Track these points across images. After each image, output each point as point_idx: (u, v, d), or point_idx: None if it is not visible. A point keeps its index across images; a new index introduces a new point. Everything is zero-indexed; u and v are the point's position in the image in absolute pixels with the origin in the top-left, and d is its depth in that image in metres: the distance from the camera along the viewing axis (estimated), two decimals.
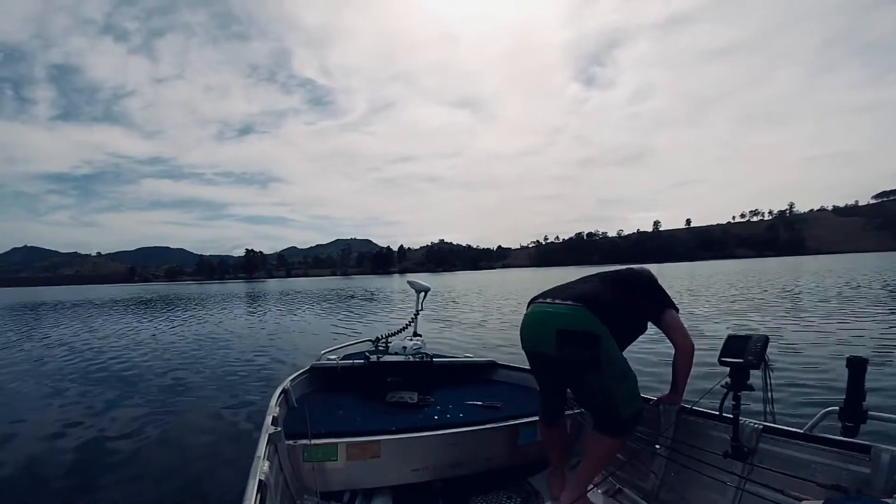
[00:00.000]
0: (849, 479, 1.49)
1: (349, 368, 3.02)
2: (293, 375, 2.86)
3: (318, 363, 3.08)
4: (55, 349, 9.11)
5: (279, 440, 1.92)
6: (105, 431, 4.02)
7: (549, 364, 1.99)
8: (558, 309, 1.93)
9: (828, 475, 1.53)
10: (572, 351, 1.85)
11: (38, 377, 6.47)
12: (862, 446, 1.50)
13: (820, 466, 1.58)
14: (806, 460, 1.62)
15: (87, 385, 5.89)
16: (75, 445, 3.71)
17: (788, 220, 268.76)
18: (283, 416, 2.32)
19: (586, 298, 1.92)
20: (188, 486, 2.96)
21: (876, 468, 1.44)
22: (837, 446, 1.56)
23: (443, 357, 3.29)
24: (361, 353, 3.19)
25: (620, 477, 2.21)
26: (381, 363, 2.97)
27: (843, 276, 23.15)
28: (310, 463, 2.01)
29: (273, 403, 2.24)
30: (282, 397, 2.45)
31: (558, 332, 1.87)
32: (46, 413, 4.67)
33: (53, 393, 5.50)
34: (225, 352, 8.23)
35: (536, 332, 1.96)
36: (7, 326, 15.10)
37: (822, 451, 1.59)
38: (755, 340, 1.76)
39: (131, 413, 4.56)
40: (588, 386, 1.89)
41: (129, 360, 7.73)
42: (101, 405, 4.90)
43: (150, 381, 6.00)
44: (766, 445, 1.75)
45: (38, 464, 3.37)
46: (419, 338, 3.34)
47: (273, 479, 1.65)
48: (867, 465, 1.47)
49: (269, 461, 1.67)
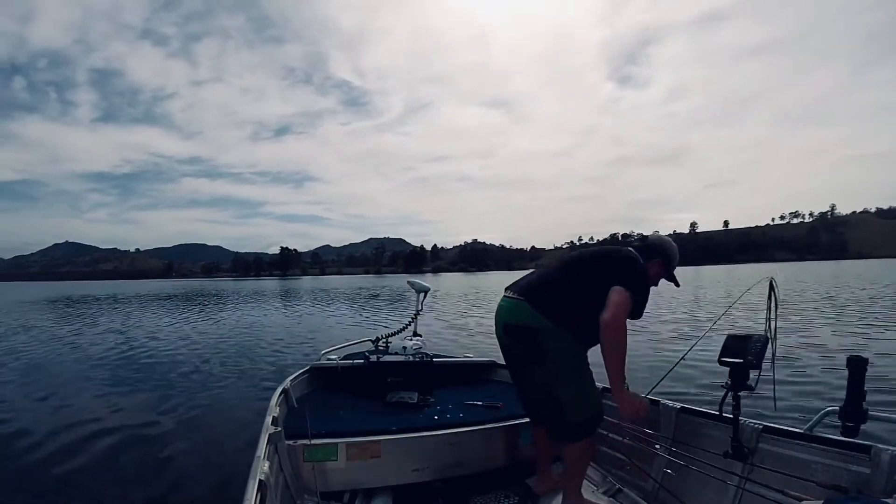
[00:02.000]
0: (849, 479, 1.49)
1: (349, 368, 3.02)
2: (293, 375, 2.87)
3: (318, 363, 3.08)
4: (56, 343, 9.12)
5: (279, 440, 1.93)
6: (105, 431, 4.01)
7: (505, 358, 2.02)
8: (507, 302, 1.90)
9: (828, 475, 1.53)
10: (514, 345, 1.86)
11: (28, 371, 6.48)
12: (862, 446, 1.49)
13: (820, 466, 1.58)
14: (806, 460, 1.62)
15: (92, 381, 5.89)
16: (76, 445, 3.70)
17: (830, 222, 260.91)
18: (283, 416, 2.32)
19: (529, 290, 1.84)
20: (188, 486, 2.95)
21: (876, 468, 1.44)
22: (837, 446, 1.56)
23: (443, 357, 3.29)
24: (361, 353, 3.19)
25: (620, 477, 2.21)
26: (381, 363, 2.97)
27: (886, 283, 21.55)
28: (310, 463, 2.01)
29: (273, 403, 2.24)
30: (282, 397, 2.45)
31: (504, 325, 1.88)
32: (40, 407, 4.68)
33: (51, 387, 5.52)
34: (238, 348, 8.28)
35: (495, 325, 1.96)
36: (35, 317, 15.99)
37: (822, 451, 1.59)
38: (755, 340, 1.76)
39: (131, 412, 4.55)
40: (532, 383, 1.88)
41: (137, 356, 7.77)
42: (104, 402, 4.89)
43: (153, 379, 6.00)
44: (766, 445, 1.75)
45: (29, 462, 3.37)
46: (419, 338, 3.34)
47: (273, 479, 1.65)
48: (867, 465, 1.47)
49: (269, 461, 1.67)
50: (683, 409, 2.06)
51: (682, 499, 1.81)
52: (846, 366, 1.58)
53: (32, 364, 7.35)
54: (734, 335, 1.85)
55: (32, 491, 2.99)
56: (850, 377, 1.56)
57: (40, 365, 7.29)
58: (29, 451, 3.61)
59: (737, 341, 1.81)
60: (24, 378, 6.31)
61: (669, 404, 2.11)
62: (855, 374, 1.55)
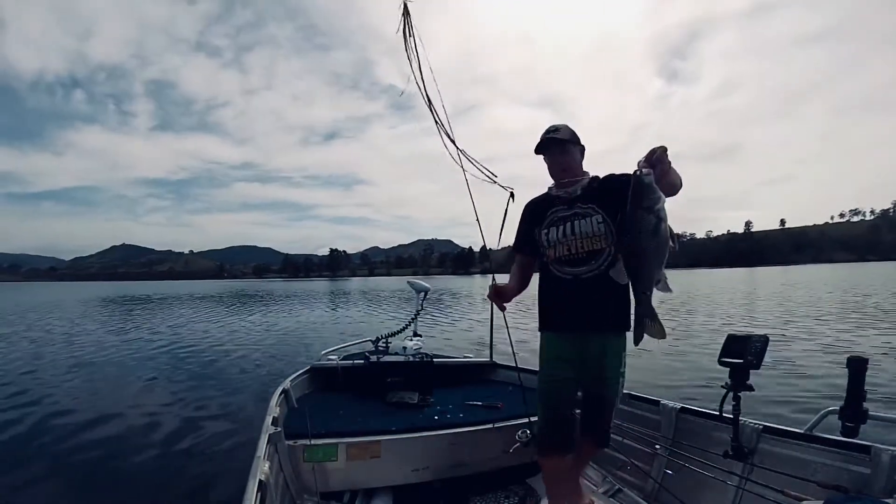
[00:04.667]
0: (849, 479, 1.49)
1: (349, 369, 3.02)
2: (293, 375, 2.87)
3: (318, 363, 3.08)
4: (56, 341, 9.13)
5: (279, 440, 1.93)
6: (104, 430, 4.01)
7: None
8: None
9: (828, 475, 1.53)
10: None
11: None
12: (862, 446, 1.50)
13: (820, 466, 1.58)
14: (806, 460, 1.62)
15: (105, 378, 5.90)
16: (76, 444, 3.70)
17: (893, 220, 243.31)
18: (283, 417, 2.32)
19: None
20: (188, 486, 2.95)
21: (876, 468, 1.44)
22: (837, 446, 1.56)
23: (443, 357, 3.29)
24: (361, 354, 3.19)
25: (620, 477, 2.21)
26: (382, 363, 2.97)
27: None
28: (310, 463, 2.01)
29: (273, 403, 2.24)
30: (282, 397, 2.45)
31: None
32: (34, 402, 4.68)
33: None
34: (263, 349, 8.32)
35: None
36: (82, 315, 16.74)
37: (823, 451, 1.59)
38: (755, 340, 1.76)
39: (132, 410, 4.54)
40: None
41: (157, 354, 7.87)
42: (109, 398, 4.89)
43: (157, 377, 5.99)
44: (766, 445, 1.75)
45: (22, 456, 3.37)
46: (419, 338, 3.35)
47: (273, 479, 1.65)
48: (867, 465, 1.47)
49: (269, 461, 1.67)
50: (683, 409, 2.06)
51: (682, 499, 1.81)
52: (846, 366, 1.58)
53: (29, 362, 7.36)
54: (734, 335, 1.85)
55: (27, 491, 2.99)
56: (850, 377, 1.56)
57: (38, 363, 7.29)
58: (23, 446, 3.61)
59: (737, 341, 1.81)
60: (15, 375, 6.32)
61: (669, 404, 2.11)
62: (855, 374, 1.55)
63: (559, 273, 1.69)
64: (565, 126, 1.72)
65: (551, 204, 1.76)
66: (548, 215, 1.74)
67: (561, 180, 1.75)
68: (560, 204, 1.73)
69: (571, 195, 1.71)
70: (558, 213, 1.72)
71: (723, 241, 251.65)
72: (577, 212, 1.68)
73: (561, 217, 1.71)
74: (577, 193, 1.71)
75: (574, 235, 1.65)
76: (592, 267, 1.63)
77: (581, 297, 1.64)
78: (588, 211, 1.65)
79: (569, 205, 1.71)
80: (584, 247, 1.63)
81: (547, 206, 1.77)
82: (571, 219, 1.68)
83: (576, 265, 1.65)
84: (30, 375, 6.33)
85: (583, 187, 1.71)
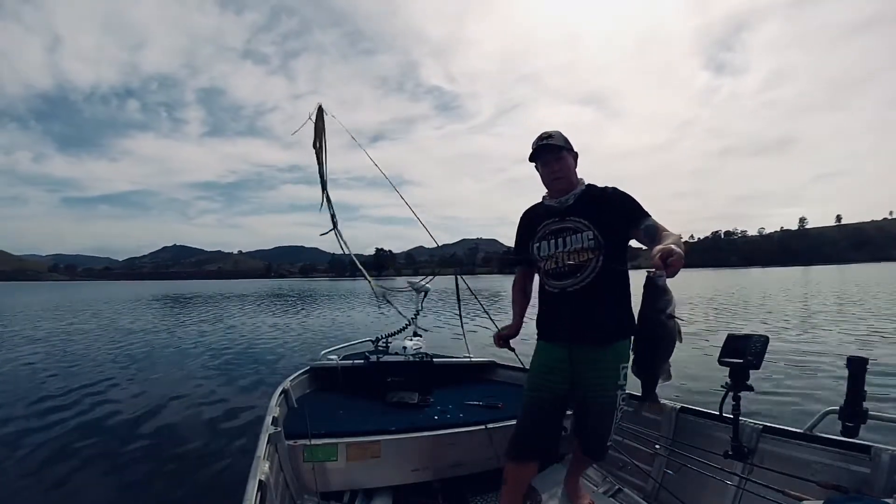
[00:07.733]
0: (849, 479, 1.49)
1: (349, 368, 3.02)
2: (293, 375, 2.87)
3: (317, 363, 3.08)
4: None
5: (279, 440, 1.93)
6: (105, 429, 4.01)
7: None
8: None
9: (828, 475, 1.53)
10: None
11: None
12: (862, 446, 1.50)
13: (820, 466, 1.58)
14: (806, 460, 1.62)
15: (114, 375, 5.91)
16: (74, 444, 3.69)
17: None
18: (283, 417, 2.32)
19: None
20: (188, 486, 2.95)
21: (876, 468, 1.44)
22: (837, 446, 1.56)
23: (443, 357, 3.29)
24: (361, 354, 3.19)
25: (620, 477, 2.21)
26: (381, 363, 2.97)
27: None
28: (310, 463, 2.01)
29: (273, 403, 2.24)
30: (282, 397, 2.45)
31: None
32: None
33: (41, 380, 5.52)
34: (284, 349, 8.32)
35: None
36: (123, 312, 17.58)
37: (822, 451, 1.59)
38: (755, 340, 1.76)
39: (132, 410, 4.53)
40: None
41: (167, 353, 7.96)
42: (111, 396, 4.89)
43: (159, 377, 6.02)
44: (766, 445, 1.75)
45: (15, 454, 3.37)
46: (419, 338, 3.35)
47: (273, 479, 1.65)
48: (867, 465, 1.47)
49: (269, 461, 1.67)
50: (683, 409, 2.06)
51: (682, 499, 1.81)
52: (846, 366, 1.58)
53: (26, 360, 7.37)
54: (734, 335, 1.85)
55: (22, 490, 2.98)
56: (850, 377, 1.56)
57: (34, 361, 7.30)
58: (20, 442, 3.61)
59: (737, 341, 1.81)
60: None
61: (669, 404, 2.11)
62: (855, 374, 1.55)
63: (548, 286, 1.71)
64: (558, 132, 1.70)
65: (543, 216, 1.75)
66: (539, 229, 1.73)
67: (554, 188, 1.73)
68: (552, 216, 1.72)
69: (563, 205, 1.69)
70: (549, 227, 1.70)
71: (776, 239, 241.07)
72: (568, 226, 1.65)
73: (552, 231, 1.69)
74: (570, 203, 1.69)
75: (562, 251, 1.65)
76: (578, 280, 1.61)
77: (568, 309, 1.63)
78: (579, 226, 1.63)
79: (560, 217, 1.69)
80: (571, 260, 1.63)
81: (539, 218, 1.76)
82: (562, 233, 1.66)
83: (561, 278, 1.64)
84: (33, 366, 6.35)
85: (576, 196, 1.69)
